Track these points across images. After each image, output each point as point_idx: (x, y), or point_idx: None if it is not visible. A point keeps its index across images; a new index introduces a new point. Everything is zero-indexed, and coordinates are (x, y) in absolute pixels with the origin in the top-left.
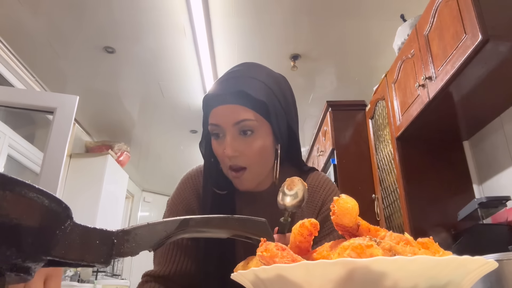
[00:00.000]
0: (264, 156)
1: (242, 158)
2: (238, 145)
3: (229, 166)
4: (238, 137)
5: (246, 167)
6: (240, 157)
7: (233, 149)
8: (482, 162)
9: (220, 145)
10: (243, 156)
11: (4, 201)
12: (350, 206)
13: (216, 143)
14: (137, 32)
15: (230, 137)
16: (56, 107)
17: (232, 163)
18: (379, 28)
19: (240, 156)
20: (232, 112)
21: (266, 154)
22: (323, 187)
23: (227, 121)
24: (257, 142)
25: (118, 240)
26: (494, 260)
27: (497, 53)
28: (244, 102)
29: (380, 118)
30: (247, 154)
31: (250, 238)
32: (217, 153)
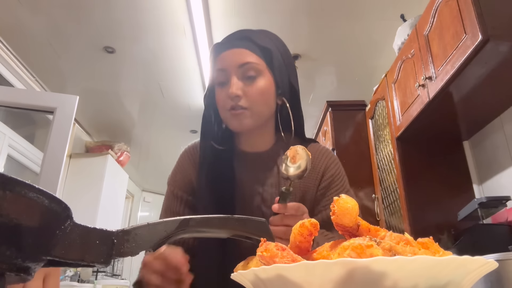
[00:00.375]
0: (265, 98)
1: (244, 99)
2: (242, 85)
3: (230, 107)
4: (242, 79)
5: (247, 108)
6: (242, 98)
7: (237, 87)
8: (482, 162)
9: (223, 92)
10: (245, 96)
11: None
12: (350, 206)
13: (220, 90)
14: (137, 32)
15: (235, 78)
16: (56, 107)
17: (234, 103)
18: (379, 28)
19: (243, 97)
20: (238, 55)
21: (267, 97)
22: (324, 156)
23: (233, 63)
24: (259, 83)
25: (118, 240)
26: (494, 260)
27: (497, 53)
28: (249, 47)
29: (380, 118)
30: (249, 95)
31: (250, 238)
32: (220, 99)
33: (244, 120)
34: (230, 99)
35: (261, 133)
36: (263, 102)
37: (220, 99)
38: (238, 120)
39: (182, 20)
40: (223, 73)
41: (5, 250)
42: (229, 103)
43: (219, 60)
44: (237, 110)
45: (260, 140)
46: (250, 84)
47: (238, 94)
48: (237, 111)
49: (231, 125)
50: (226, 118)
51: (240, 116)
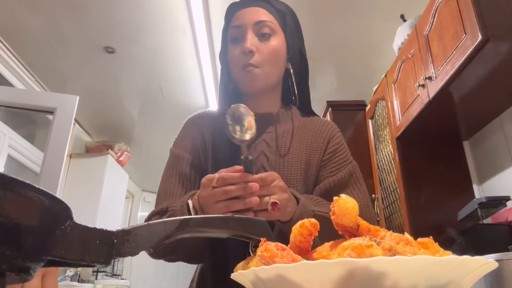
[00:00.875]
0: (277, 58)
1: (257, 56)
2: (256, 42)
3: (243, 65)
4: (257, 36)
5: (259, 67)
6: (256, 55)
7: (252, 42)
8: (482, 162)
9: (237, 49)
10: (258, 53)
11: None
12: (350, 206)
13: (233, 48)
14: (137, 32)
15: (250, 34)
16: (56, 107)
17: (246, 61)
18: (379, 28)
19: (256, 54)
20: (254, 13)
21: (279, 57)
22: (329, 126)
23: (249, 20)
24: (273, 42)
25: (118, 240)
26: (494, 260)
27: (497, 53)
28: (266, 7)
29: (380, 118)
30: (262, 52)
31: (250, 238)
32: (233, 56)
33: (256, 79)
34: (244, 55)
35: (269, 97)
36: (274, 61)
37: (233, 56)
38: (250, 79)
39: (182, 20)
40: (239, 30)
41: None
42: (242, 60)
43: (236, 18)
44: (249, 68)
45: (267, 103)
46: (264, 41)
47: (252, 49)
48: (248, 69)
49: (242, 84)
50: (238, 77)
51: (252, 75)
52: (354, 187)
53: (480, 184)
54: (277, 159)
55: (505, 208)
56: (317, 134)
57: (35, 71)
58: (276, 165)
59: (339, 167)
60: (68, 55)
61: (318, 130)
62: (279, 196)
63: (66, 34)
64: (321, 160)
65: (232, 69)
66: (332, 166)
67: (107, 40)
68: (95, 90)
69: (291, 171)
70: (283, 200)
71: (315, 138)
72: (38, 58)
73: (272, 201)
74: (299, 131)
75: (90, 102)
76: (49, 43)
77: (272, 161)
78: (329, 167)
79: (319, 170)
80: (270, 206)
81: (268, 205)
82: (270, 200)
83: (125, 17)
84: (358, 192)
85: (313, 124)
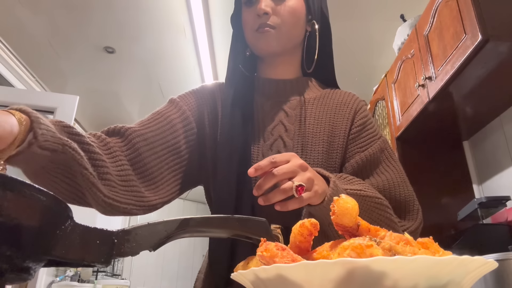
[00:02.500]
0: (295, 19)
1: (273, 17)
2: (271, 3)
3: (258, 26)
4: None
5: (276, 27)
6: (271, 16)
7: (266, 4)
8: (482, 162)
9: (251, 11)
10: (274, 15)
11: (4, 201)
12: (350, 206)
13: (247, 10)
14: (137, 32)
15: None
16: (56, 107)
17: (261, 21)
18: (379, 28)
19: (271, 15)
20: None
21: (297, 18)
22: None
23: None
24: (290, 2)
25: (119, 240)
26: (494, 260)
27: (497, 53)
28: None
29: (380, 118)
30: (278, 13)
31: (250, 238)
32: (247, 19)
33: (271, 41)
34: (258, 17)
35: (287, 61)
36: (293, 22)
37: (247, 19)
38: (265, 41)
39: (182, 20)
40: None
41: (5, 250)
42: (256, 22)
43: None
44: (265, 28)
45: (285, 68)
46: (280, 2)
47: (267, 10)
48: (264, 29)
49: (256, 47)
50: (252, 39)
51: (267, 36)
52: (388, 163)
53: (480, 184)
54: (295, 130)
55: (505, 208)
56: (342, 104)
57: (35, 71)
58: (295, 136)
59: (369, 141)
60: (68, 55)
61: (342, 101)
62: (301, 176)
63: (66, 34)
64: (348, 134)
65: (246, 32)
66: (362, 140)
67: (107, 40)
68: (95, 90)
69: (312, 142)
70: (307, 180)
71: (340, 109)
72: (38, 58)
73: (296, 184)
74: (321, 101)
75: (90, 102)
76: (49, 43)
77: (291, 132)
78: (359, 141)
79: (347, 145)
80: (295, 191)
81: (293, 190)
82: (293, 183)
83: (125, 17)
84: (393, 168)
85: (337, 94)
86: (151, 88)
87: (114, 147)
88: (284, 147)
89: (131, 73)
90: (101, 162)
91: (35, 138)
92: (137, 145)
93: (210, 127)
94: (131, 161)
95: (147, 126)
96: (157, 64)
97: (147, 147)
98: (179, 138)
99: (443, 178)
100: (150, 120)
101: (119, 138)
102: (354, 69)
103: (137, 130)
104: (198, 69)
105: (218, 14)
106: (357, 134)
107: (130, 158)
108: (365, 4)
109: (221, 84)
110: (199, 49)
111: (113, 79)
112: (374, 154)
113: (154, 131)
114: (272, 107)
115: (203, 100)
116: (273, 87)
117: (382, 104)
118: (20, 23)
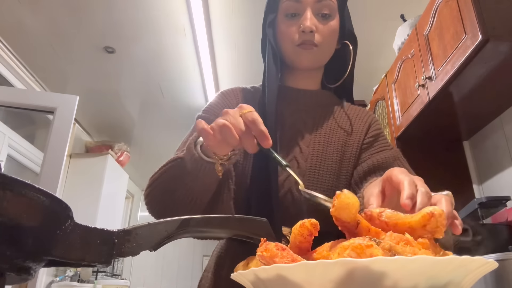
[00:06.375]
0: (333, 38)
1: (317, 36)
2: (316, 21)
3: (301, 41)
4: (316, 16)
5: (318, 46)
6: (315, 34)
7: (312, 22)
8: (482, 162)
9: (293, 25)
10: (318, 33)
11: (4, 201)
12: (351, 202)
13: (288, 22)
14: (137, 32)
15: (310, 12)
16: (56, 107)
17: (306, 38)
18: (379, 28)
19: (315, 33)
20: None
21: (335, 38)
22: (367, 115)
23: None
24: (332, 23)
25: (119, 240)
26: (494, 260)
27: (497, 53)
28: None
29: (380, 118)
30: (322, 32)
31: (251, 238)
32: (287, 32)
33: (313, 57)
34: (303, 33)
35: (313, 75)
36: (332, 42)
37: (289, 32)
38: (307, 57)
39: (182, 20)
40: (297, 5)
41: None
42: (300, 37)
43: None
44: (309, 45)
45: (309, 81)
46: (324, 22)
47: (313, 29)
48: (308, 46)
49: (297, 61)
50: (292, 53)
51: (310, 52)
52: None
53: (480, 184)
54: (312, 138)
55: (505, 208)
56: (357, 118)
57: (35, 71)
58: (311, 143)
59: (382, 148)
60: (68, 55)
61: (358, 115)
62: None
63: (66, 34)
64: (362, 144)
65: (284, 44)
66: (374, 149)
67: (107, 40)
68: (95, 90)
69: (327, 151)
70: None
71: (355, 122)
72: (38, 58)
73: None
74: (338, 113)
75: (90, 102)
76: (49, 43)
77: (308, 140)
78: (371, 149)
79: (359, 154)
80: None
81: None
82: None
83: (125, 17)
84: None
85: (353, 109)
86: (151, 88)
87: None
88: (300, 153)
89: (131, 73)
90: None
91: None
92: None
93: None
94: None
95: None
96: (157, 64)
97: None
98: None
99: (443, 178)
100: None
101: None
102: (354, 69)
103: None
104: (198, 69)
105: (218, 14)
106: (370, 144)
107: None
108: (365, 4)
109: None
110: (199, 49)
111: (113, 79)
112: (387, 159)
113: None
114: (292, 114)
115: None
116: (294, 96)
117: (382, 104)
118: (20, 23)
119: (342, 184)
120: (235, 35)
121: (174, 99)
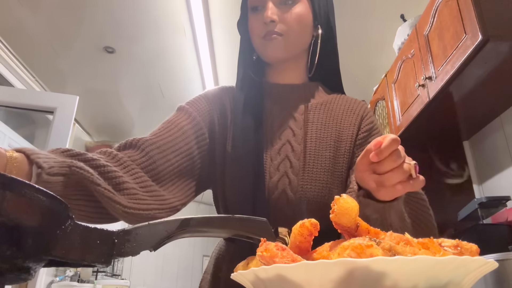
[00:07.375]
0: (301, 26)
1: (280, 24)
2: (278, 10)
3: (265, 33)
4: (278, 5)
5: (283, 34)
6: (278, 24)
7: (272, 12)
8: (482, 162)
9: (257, 19)
10: (281, 22)
11: (4, 201)
12: (350, 206)
13: (253, 17)
14: (137, 32)
15: (271, 2)
16: (56, 107)
17: (268, 29)
18: (379, 28)
19: (278, 23)
20: None
21: (304, 24)
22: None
23: None
24: (296, 9)
25: (119, 240)
26: (494, 260)
27: (497, 53)
28: None
29: (380, 118)
30: (285, 20)
31: (251, 238)
32: (253, 26)
33: (279, 47)
34: (265, 24)
35: (294, 66)
36: (299, 29)
37: (254, 26)
38: (272, 48)
39: (182, 20)
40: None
41: (5, 250)
42: (263, 30)
43: None
44: (272, 36)
45: (292, 74)
46: (287, 9)
47: (274, 18)
48: (271, 37)
49: (264, 54)
50: (259, 46)
51: (274, 43)
52: None
53: (480, 184)
54: (303, 134)
55: (505, 208)
56: (348, 110)
57: (35, 71)
58: (303, 140)
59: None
60: (68, 55)
61: (349, 107)
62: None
63: (66, 34)
64: (355, 139)
65: (253, 39)
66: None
67: (107, 40)
68: (95, 90)
69: (319, 147)
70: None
71: (347, 115)
72: (38, 58)
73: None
74: (328, 106)
75: (90, 102)
76: (49, 43)
77: (299, 136)
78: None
79: (353, 150)
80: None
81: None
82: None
83: (125, 17)
84: None
85: (343, 100)
86: (151, 88)
87: (124, 158)
88: (292, 152)
89: (131, 73)
90: (113, 173)
91: (41, 167)
92: (150, 153)
93: (220, 132)
94: (145, 169)
95: (159, 135)
96: (157, 64)
97: (160, 155)
98: (191, 145)
99: (443, 178)
100: (161, 129)
101: (132, 149)
102: (354, 69)
103: (149, 139)
104: (198, 69)
105: (218, 14)
106: (364, 140)
107: (144, 166)
108: (365, 4)
109: (228, 88)
110: (199, 49)
111: (113, 79)
112: None
113: (166, 139)
114: (281, 111)
115: (212, 105)
116: (281, 92)
117: (382, 104)
118: (20, 23)
119: (337, 181)
120: (235, 35)
121: (174, 99)
